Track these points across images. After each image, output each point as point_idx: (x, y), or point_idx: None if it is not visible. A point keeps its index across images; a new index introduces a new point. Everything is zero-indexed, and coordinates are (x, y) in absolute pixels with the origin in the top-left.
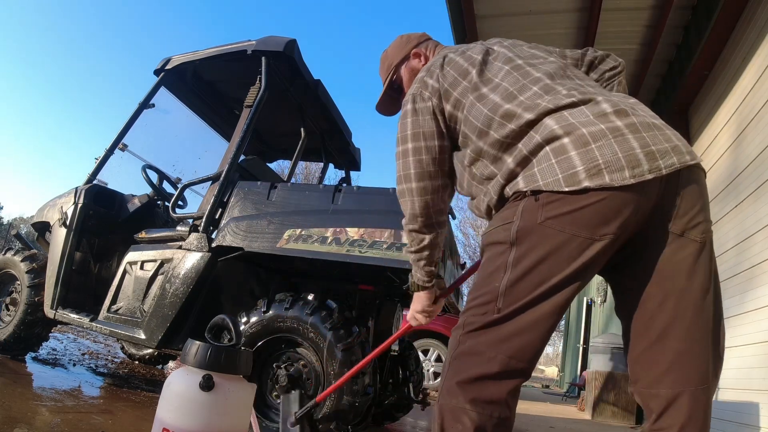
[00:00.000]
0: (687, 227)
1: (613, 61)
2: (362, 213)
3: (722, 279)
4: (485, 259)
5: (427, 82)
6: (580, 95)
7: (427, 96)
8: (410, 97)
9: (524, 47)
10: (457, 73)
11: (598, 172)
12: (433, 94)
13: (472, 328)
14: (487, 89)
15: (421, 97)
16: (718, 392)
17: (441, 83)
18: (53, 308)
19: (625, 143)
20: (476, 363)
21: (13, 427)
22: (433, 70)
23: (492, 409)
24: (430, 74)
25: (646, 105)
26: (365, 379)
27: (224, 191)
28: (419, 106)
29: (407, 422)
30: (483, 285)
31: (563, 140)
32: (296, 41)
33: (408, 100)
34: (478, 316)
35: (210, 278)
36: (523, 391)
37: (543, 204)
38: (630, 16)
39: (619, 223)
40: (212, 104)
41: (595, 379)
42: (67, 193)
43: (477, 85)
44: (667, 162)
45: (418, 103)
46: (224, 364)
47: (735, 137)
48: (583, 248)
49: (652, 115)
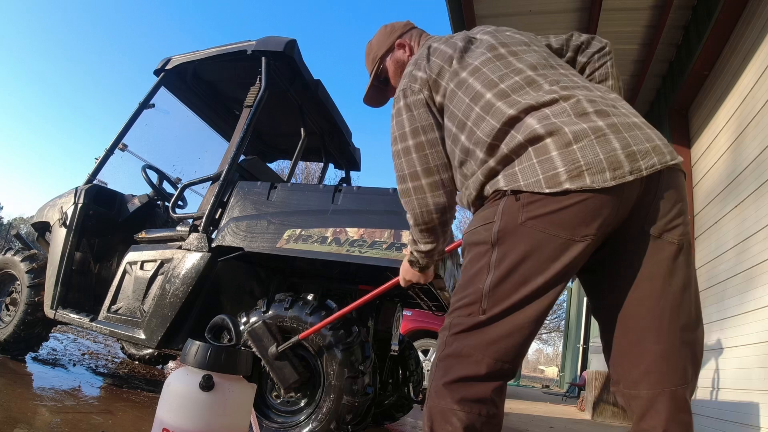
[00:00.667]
0: (665, 229)
1: (599, 43)
2: (362, 213)
3: (722, 279)
4: (468, 259)
5: (416, 75)
6: (562, 91)
7: (417, 89)
8: (401, 93)
9: (507, 32)
10: (442, 61)
11: (579, 174)
12: (423, 86)
13: (459, 329)
14: (466, 74)
15: (411, 90)
16: (718, 392)
17: (429, 74)
18: (53, 308)
19: (607, 144)
20: (464, 365)
21: (13, 427)
22: (420, 62)
23: (480, 408)
24: (417, 67)
25: (646, 105)
26: (365, 379)
27: (224, 191)
28: (411, 100)
29: (407, 422)
30: (467, 286)
31: (545, 140)
32: (296, 41)
33: (399, 96)
34: (463, 317)
35: (210, 278)
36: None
37: (524, 204)
38: (630, 16)
39: (598, 224)
40: (212, 104)
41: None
42: (67, 193)
43: (457, 71)
44: (648, 163)
45: (409, 97)
46: (224, 364)
47: (735, 137)
48: (563, 249)
49: (633, 113)
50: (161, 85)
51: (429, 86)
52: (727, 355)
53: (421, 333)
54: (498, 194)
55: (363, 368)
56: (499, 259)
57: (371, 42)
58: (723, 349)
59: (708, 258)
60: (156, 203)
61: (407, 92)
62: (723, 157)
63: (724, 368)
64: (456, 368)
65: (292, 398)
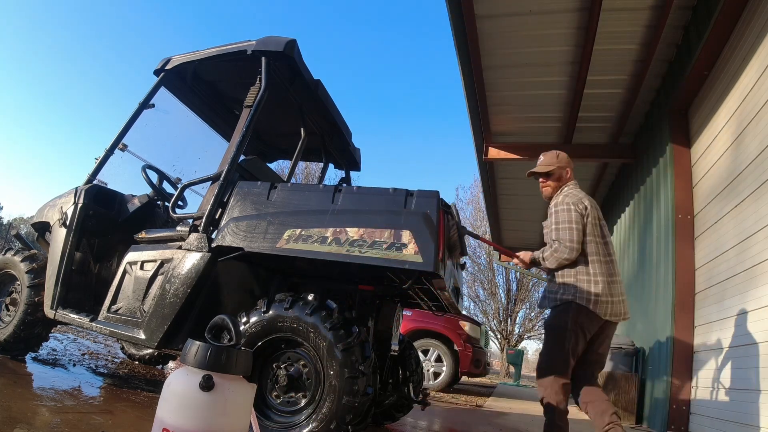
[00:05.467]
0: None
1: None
2: (362, 213)
3: (722, 279)
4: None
5: (583, 203)
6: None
7: (581, 208)
8: (573, 199)
9: (607, 236)
10: (594, 219)
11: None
12: (584, 210)
13: None
14: (602, 255)
15: (577, 204)
16: (718, 392)
17: (590, 211)
18: (53, 308)
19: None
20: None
21: (13, 427)
22: (584, 200)
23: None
24: (585, 198)
25: (646, 105)
26: (365, 379)
27: (224, 191)
28: (574, 208)
29: (407, 422)
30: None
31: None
32: (296, 41)
33: (570, 203)
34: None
35: (210, 278)
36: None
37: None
38: (630, 16)
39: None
40: (212, 104)
41: None
42: (67, 193)
43: (599, 246)
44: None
45: (573, 207)
46: (224, 364)
47: (735, 137)
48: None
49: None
50: (161, 85)
51: (588, 213)
52: (727, 355)
53: (421, 333)
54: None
55: (363, 368)
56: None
57: (561, 154)
58: (723, 349)
59: (708, 258)
60: (156, 203)
61: (576, 205)
62: (723, 157)
63: (724, 368)
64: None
65: (292, 398)
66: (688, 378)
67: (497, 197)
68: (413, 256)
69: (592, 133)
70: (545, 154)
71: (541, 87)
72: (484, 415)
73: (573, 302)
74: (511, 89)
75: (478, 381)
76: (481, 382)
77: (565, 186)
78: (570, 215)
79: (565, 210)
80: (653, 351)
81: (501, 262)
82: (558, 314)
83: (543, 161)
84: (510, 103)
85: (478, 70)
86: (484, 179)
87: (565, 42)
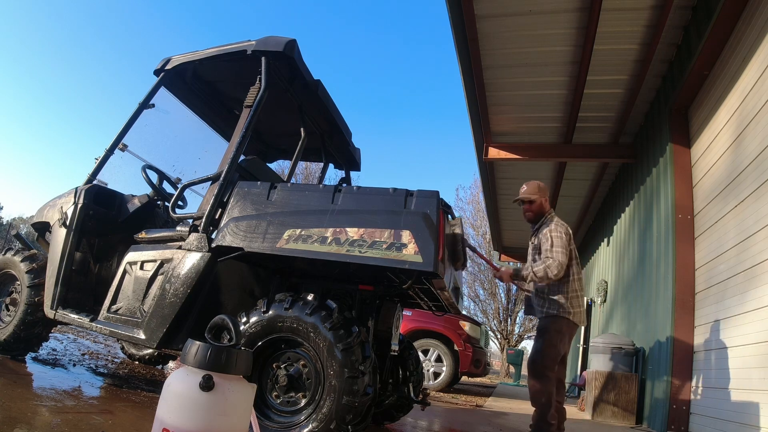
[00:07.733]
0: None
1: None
2: (362, 213)
3: (722, 279)
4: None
5: (569, 232)
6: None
7: (568, 236)
8: (564, 229)
9: (577, 257)
10: (573, 245)
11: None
12: (570, 238)
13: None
14: (576, 274)
15: (566, 233)
16: (718, 392)
17: (571, 243)
18: (53, 308)
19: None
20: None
21: (13, 427)
22: (569, 229)
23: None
24: (568, 230)
25: (646, 105)
26: (365, 379)
27: (224, 191)
28: (565, 236)
29: (407, 422)
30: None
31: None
32: (296, 41)
33: (562, 232)
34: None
35: (210, 278)
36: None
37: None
38: (630, 16)
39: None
40: (212, 104)
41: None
42: (67, 193)
43: (576, 267)
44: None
45: (564, 235)
46: (224, 364)
47: (735, 137)
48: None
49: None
50: (161, 85)
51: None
52: (727, 355)
53: (421, 333)
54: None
55: (363, 368)
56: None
57: (540, 185)
58: (723, 349)
59: (708, 257)
60: (156, 203)
61: (565, 233)
62: (723, 157)
63: (724, 368)
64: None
65: (292, 398)
66: (688, 378)
67: (497, 197)
68: (413, 256)
69: (592, 133)
70: (528, 183)
71: (541, 87)
72: (484, 415)
73: (559, 314)
74: (511, 89)
75: (478, 381)
76: (481, 382)
77: (549, 214)
78: (563, 241)
79: (560, 236)
80: (653, 351)
81: (501, 263)
82: (551, 322)
83: (527, 190)
84: (510, 103)
85: (478, 70)
86: (484, 179)
87: (565, 42)
